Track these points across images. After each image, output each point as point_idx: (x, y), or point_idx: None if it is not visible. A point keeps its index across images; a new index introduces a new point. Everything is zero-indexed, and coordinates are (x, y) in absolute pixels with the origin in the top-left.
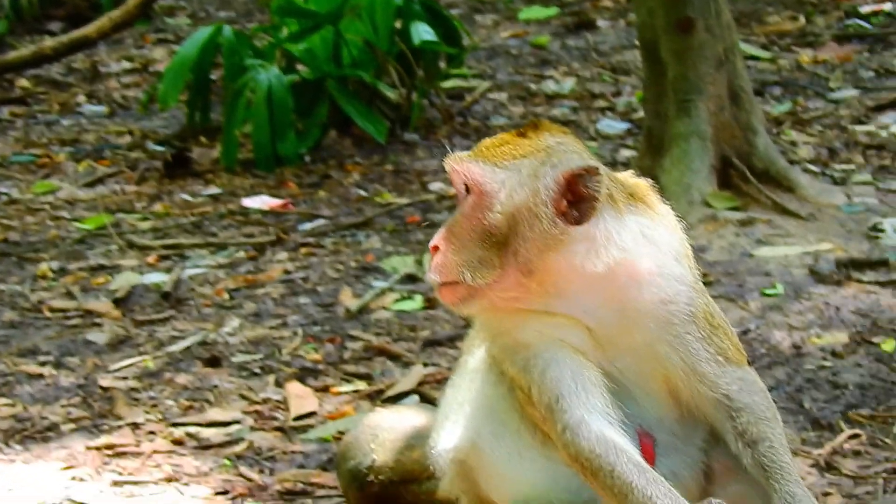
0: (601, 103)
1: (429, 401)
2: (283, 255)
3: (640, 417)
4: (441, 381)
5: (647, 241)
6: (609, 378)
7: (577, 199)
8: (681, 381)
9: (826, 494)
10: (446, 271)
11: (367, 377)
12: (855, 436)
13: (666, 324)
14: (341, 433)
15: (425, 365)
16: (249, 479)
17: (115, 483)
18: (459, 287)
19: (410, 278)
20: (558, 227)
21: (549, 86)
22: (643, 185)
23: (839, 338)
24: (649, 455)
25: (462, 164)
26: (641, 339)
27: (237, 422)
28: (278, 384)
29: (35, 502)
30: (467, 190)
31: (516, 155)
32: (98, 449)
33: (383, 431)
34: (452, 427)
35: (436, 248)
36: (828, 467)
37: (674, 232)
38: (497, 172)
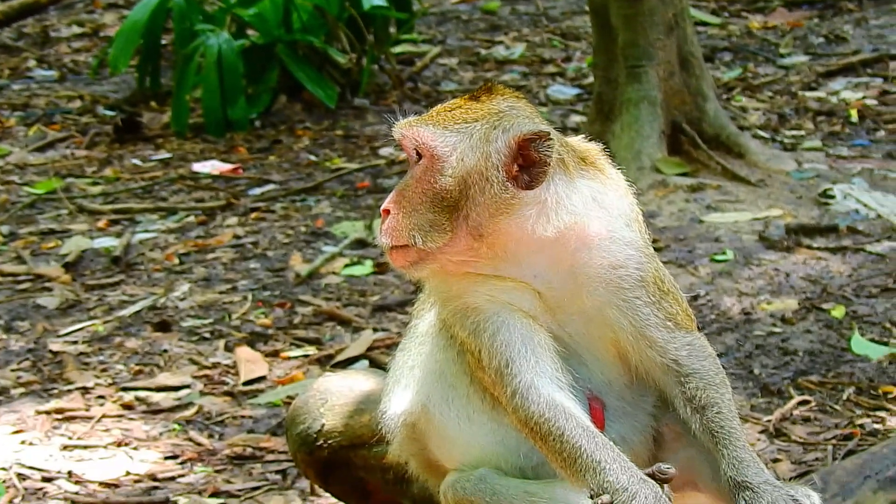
0: (551, 69)
1: (378, 365)
2: (233, 219)
3: (589, 382)
4: (391, 346)
5: (597, 205)
6: (559, 342)
7: (528, 164)
8: (630, 346)
9: (775, 461)
10: (397, 235)
11: (316, 342)
12: (804, 402)
13: (615, 288)
14: (291, 398)
15: (375, 330)
16: (199, 444)
17: (65, 447)
18: (410, 250)
19: (360, 243)
20: (509, 191)
21: (500, 51)
22: (594, 149)
23: (789, 304)
24: (599, 420)
25: (413, 128)
26: (591, 304)
27: (187, 386)
28: (228, 349)
29: None
30: (418, 154)
31: (468, 119)
32: (48, 413)
33: (333, 396)
34: (402, 391)
35: (386, 212)
36: (777, 433)
37: (624, 196)
38: (448, 136)
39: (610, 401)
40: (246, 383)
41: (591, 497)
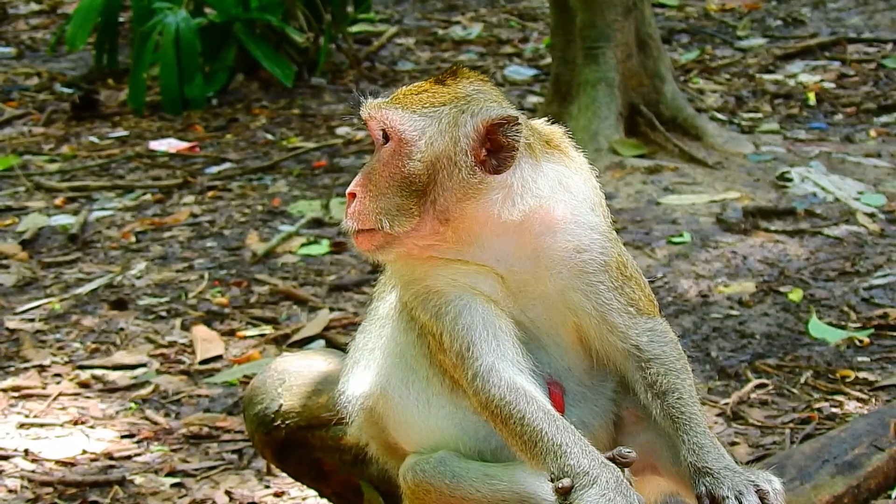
0: (508, 49)
1: (335, 345)
2: (189, 198)
3: (550, 367)
4: (347, 326)
5: (563, 189)
6: (520, 327)
7: (495, 148)
8: (591, 331)
9: (733, 444)
10: (363, 218)
11: (273, 321)
12: (762, 385)
13: (579, 272)
14: (247, 377)
15: (331, 309)
16: (155, 423)
17: (22, 425)
18: (376, 234)
19: (317, 223)
20: (477, 175)
21: (457, 31)
22: (558, 132)
23: (746, 287)
24: (559, 404)
25: (381, 111)
26: (554, 287)
27: (143, 365)
28: (184, 327)
29: None
30: (385, 137)
31: (435, 103)
32: (4, 391)
33: (290, 376)
34: (362, 373)
35: (352, 195)
36: (734, 417)
37: (588, 180)
38: (416, 120)
39: (570, 385)
40: (202, 362)
41: (552, 480)
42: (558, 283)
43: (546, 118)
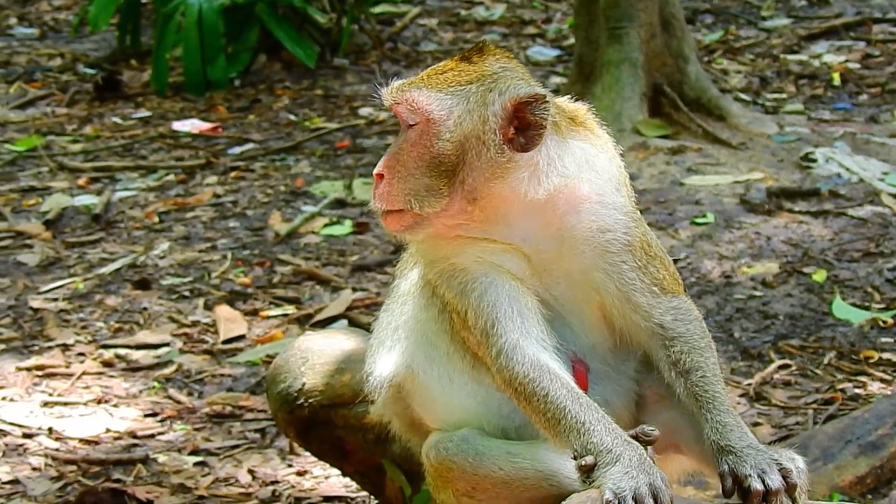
0: (531, 30)
1: (358, 325)
2: (212, 178)
3: (574, 345)
4: (370, 306)
5: (588, 167)
6: (544, 305)
7: (523, 126)
8: (615, 310)
9: (756, 425)
10: (392, 199)
11: (295, 301)
12: (785, 366)
13: (602, 252)
14: (270, 357)
15: (354, 290)
16: (178, 402)
17: (45, 404)
18: (405, 215)
19: (339, 203)
20: (505, 154)
21: (480, 12)
22: (582, 109)
23: (770, 267)
24: (582, 383)
25: (408, 92)
26: (577, 267)
27: (166, 344)
28: (207, 307)
29: None
30: (412, 118)
31: (462, 81)
32: (28, 370)
33: (314, 355)
34: (387, 353)
35: (380, 176)
36: (757, 397)
37: (613, 159)
38: (444, 99)
39: (593, 364)
40: (225, 342)
41: (575, 458)
42: (582, 263)
43: (568, 99)
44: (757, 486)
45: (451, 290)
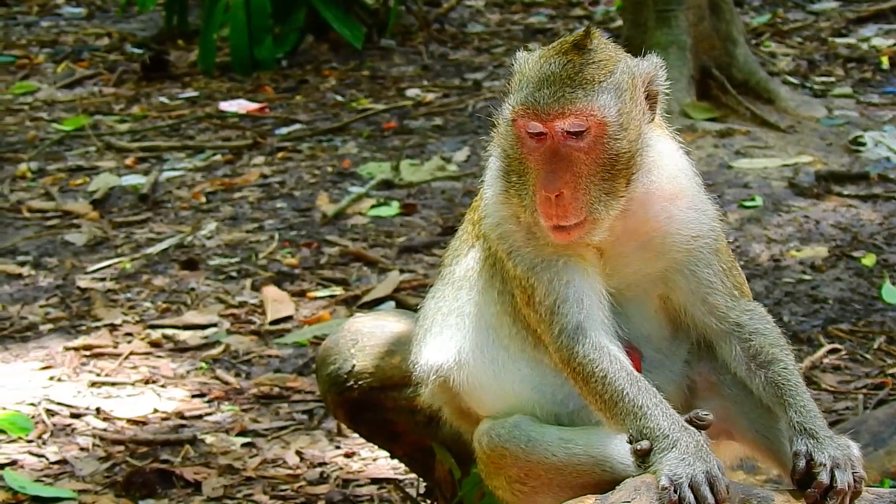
0: (578, 12)
1: (405, 306)
2: (259, 159)
3: (629, 333)
4: (417, 288)
5: (675, 167)
6: (607, 291)
7: (651, 99)
8: (686, 308)
9: None
10: (577, 212)
11: (343, 282)
12: (834, 350)
13: (688, 255)
14: (317, 338)
15: (401, 271)
16: (226, 383)
17: (93, 384)
18: (585, 223)
19: (386, 184)
20: (649, 132)
21: None
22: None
23: (819, 251)
24: (637, 369)
25: (573, 103)
26: (656, 266)
27: (214, 325)
28: (255, 288)
29: (13, 402)
30: (576, 130)
31: (605, 73)
32: (76, 349)
33: (363, 337)
34: (435, 339)
35: (558, 195)
36: (807, 382)
37: (681, 150)
38: (603, 97)
39: (647, 351)
40: (272, 323)
41: (630, 442)
42: (662, 264)
43: None
44: (824, 479)
45: (522, 266)
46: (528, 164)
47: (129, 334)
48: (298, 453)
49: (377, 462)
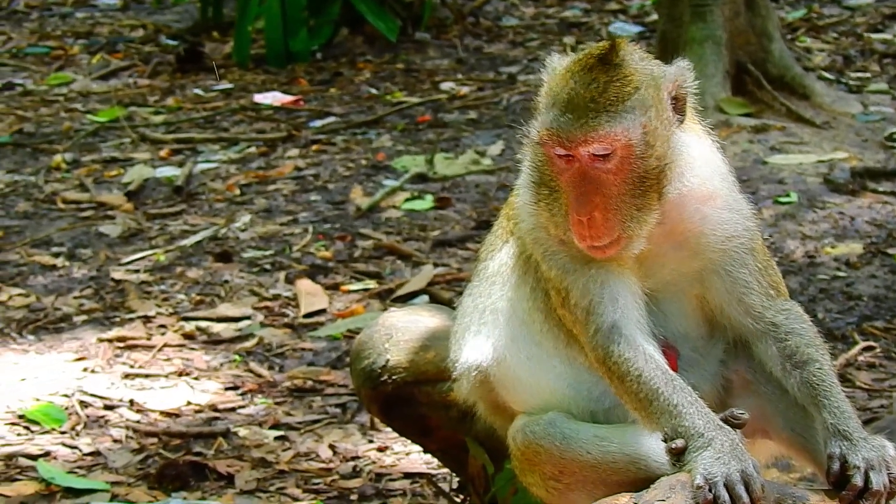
0: (613, 5)
1: (439, 301)
2: (294, 151)
3: (665, 331)
4: (451, 282)
5: (707, 165)
6: (643, 290)
7: (678, 104)
8: (721, 307)
9: None
10: (610, 231)
11: (377, 276)
12: (869, 348)
13: (723, 256)
14: (351, 331)
15: (435, 265)
16: (259, 375)
17: (127, 375)
18: (621, 239)
19: (421, 178)
20: (677, 139)
21: None
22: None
23: (854, 248)
24: (673, 368)
25: (597, 129)
26: (692, 267)
27: (247, 317)
28: (288, 281)
29: (47, 393)
30: (603, 153)
31: (629, 91)
32: (110, 341)
33: (398, 331)
34: (473, 337)
35: (590, 217)
36: (841, 379)
37: (715, 148)
38: (629, 118)
39: (683, 350)
40: (306, 316)
41: (665, 441)
42: (698, 264)
43: None
44: (858, 481)
45: (556, 268)
46: (559, 183)
47: (163, 326)
48: (331, 447)
49: (410, 456)
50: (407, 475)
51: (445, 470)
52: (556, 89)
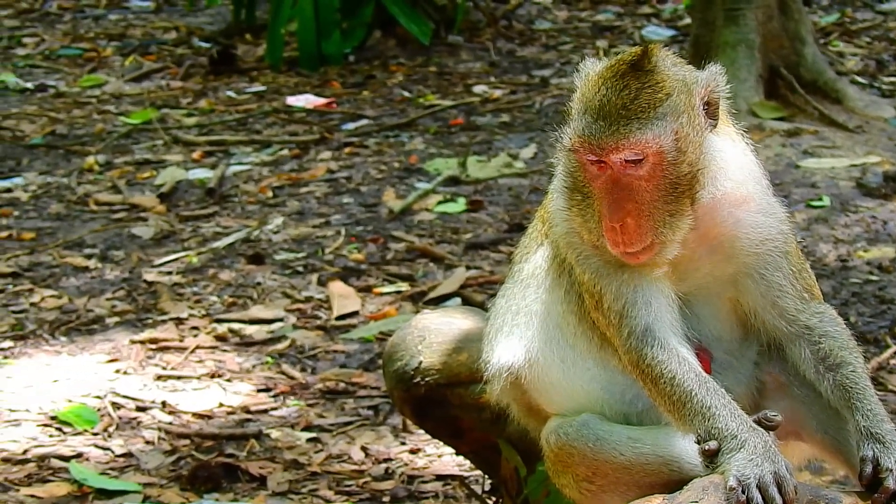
0: (647, 9)
1: (472, 303)
2: (326, 154)
3: (699, 334)
4: (484, 285)
5: (740, 169)
6: (676, 293)
7: (711, 109)
8: (755, 311)
9: None
10: (643, 237)
11: (409, 278)
12: None
13: (757, 260)
14: (383, 333)
15: (468, 268)
16: (292, 377)
17: (159, 377)
18: (654, 245)
19: (453, 180)
20: (709, 144)
21: None
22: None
23: (886, 252)
24: (706, 371)
25: (628, 137)
26: (725, 271)
27: (280, 319)
28: (321, 283)
29: (79, 394)
30: (636, 156)
31: (661, 97)
32: (142, 343)
33: (431, 333)
34: (506, 339)
35: (622, 224)
36: (874, 383)
37: (748, 151)
38: (661, 124)
39: (717, 353)
40: (338, 318)
41: (698, 443)
42: (732, 268)
43: None
44: (891, 484)
45: (590, 272)
46: (591, 189)
47: (196, 328)
48: (363, 449)
49: (442, 458)
50: (439, 477)
51: (478, 472)
52: (589, 95)
